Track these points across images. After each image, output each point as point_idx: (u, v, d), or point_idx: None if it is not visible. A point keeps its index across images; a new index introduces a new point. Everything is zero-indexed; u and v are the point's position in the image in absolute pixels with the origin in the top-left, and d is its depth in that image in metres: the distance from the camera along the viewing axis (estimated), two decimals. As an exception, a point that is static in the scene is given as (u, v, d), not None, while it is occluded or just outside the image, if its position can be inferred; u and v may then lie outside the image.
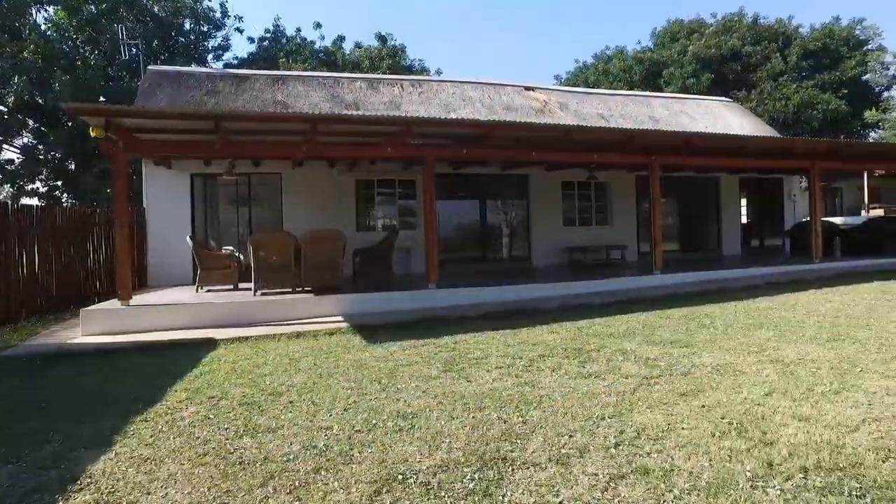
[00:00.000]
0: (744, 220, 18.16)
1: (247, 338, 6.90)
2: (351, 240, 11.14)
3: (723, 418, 3.74)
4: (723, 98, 22.59)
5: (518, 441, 3.46)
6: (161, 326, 7.63)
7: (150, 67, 15.24)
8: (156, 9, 26.64)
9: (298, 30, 35.54)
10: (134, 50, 22.87)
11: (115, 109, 7.54)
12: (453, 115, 14.26)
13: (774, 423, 3.64)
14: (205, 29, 30.29)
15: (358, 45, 36.46)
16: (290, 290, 9.17)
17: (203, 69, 17.80)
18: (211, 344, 6.67)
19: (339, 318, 8.06)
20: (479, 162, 12.42)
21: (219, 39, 31.24)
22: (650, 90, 28.78)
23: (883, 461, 3.08)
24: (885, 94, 34.51)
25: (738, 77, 34.77)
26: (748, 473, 2.96)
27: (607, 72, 39.08)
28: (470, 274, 12.16)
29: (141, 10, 25.83)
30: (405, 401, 4.29)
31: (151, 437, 3.77)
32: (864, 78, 34.20)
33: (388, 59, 33.99)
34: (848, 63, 34.29)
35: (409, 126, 8.95)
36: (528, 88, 17.18)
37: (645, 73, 37.24)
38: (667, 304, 8.54)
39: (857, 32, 35.98)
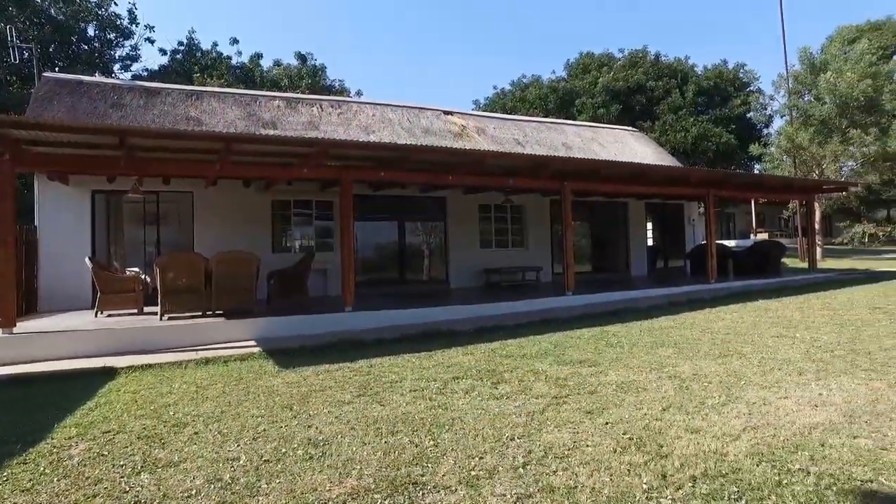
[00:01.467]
0: (650, 242, 19.27)
1: (151, 365, 6.53)
2: (266, 261, 10.85)
3: (624, 434, 3.94)
4: (630, 128, 24.05)
5: (429, 465, 3.49)
6: (52, 355, 7.07)
7: (45, 74, 14.30)
8: (52, 11, 24.97)
9: (215, 44, 34.61)
10: (26, 54, 21.28)
11: (3, 119, 6.98)
12: (373, 137, 14.33)
13: (670, 437, 3.87)
14: (110, 36, 28.78)
15: (277, 63, 35.94)
16: (200, 313, 8.78)
17: (108, 79, 16.83)
18: (110, 373, 6.25)
19: (252, 343, 7.80)
20: (397, 184, 12.50)
21: (127, 49, 29.85)
22: (564, 118, 30.18)
23: (757, 465, 3.38)
24: (765, 130, 38.10)
25: (643, 109, 37.18)
26: (645, 486, 3.14)
27: (524, 99, 40.62)
28: (388, 295, 12.15)
29: (35, 10, 24.11)
30: (317, 427, 4.22)
31: (30, 481, 3.44)
32: (748, 115, 37.60)
33: (307, 78, 33.69)
34: (735, 101, 37.72)
35: (327, 148, 8.89)
36: (447, 113, 17.54)
37: (559, 101, 39.02)
38: (578, 325, 8.88)
39: (741, 75, 39.69)
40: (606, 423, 4.16)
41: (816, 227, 22.91)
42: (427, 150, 9.81)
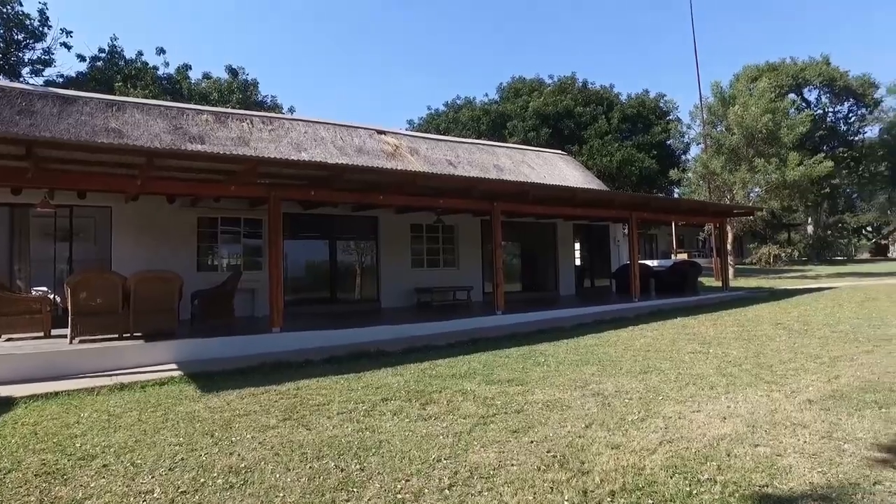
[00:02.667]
0: (578, 262, 19.92)
1: (57, 393, 6.10)
2: (191, 281, 10.45)
3: (548, 452, 4.05)
4: (559, 151, 24.91)
5: (355, 489, 3.46)
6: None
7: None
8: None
9: (140, 53, 33.29)
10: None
11: None
12: (304, 155, 14.16)
13: (592, 453, 4.01)
14: (19, 37, 27.04)
15: (206, 76, 34.92)
16: (117, 336, 8.31)
17: (15, 84, 15.79)
18: (6, 404, 5.78)
19: (173, 367, 7.46)
20: (329, 203, 12.38)
21: (38, 52, 28.13)
22: (496, 139, 30.88)
23: (671, 477, 3.56)
24: (684, 156, 40.56)
25: (572, 133, 38.63)
26: (566, 503, 3.24)
27: (457, 120, 41.32)
28: (318, 316, 11.96)
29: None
30: (239, 454, 4.08)
31: None
32: (668, 142, 39.90)
33: (238, 92, 32.92)
34: (656, 129, 39.95)
35: (256, 165, 8.71)
36: (380, 132, 17.59)
37: (491, 123, 39.94)
38: (507, 344, 9.04)
39: (661, 104, 42.13)
40: (531, 442, 4.26)
41: (729, 248, 24.41)
42: (358, 170, 9.79)
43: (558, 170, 20.63)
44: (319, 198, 10.37)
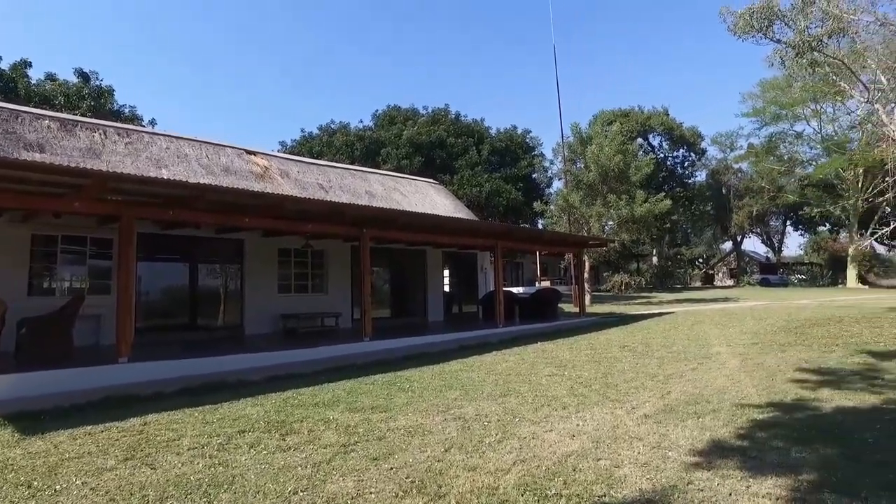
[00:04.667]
0: (447, 289, 20.40)
1: None
2: (21, 306, 9.32)
3: (407, 477, 4.09)
4: (431, 180, 25.50)
5: (201, 530, 3.26)
6: None
7: None
8: None
9: (-37, 46, 29.21)
10: None
11: None
12: (165, 172, 13.26)
13: (449, 476, 4.11)
14: None
15: (51, 77, 31.55)
16: (-84, 371, 7.13)
17: None
18: None
19: (-11, 406, 6.53)
20: (191, 223, 11.67)
21: None
22: (370, 166, 31.00)
23: (522, 494, 3.76)
24: (547, 190, 43.50)
25: (444, 163, 39.82)
26: (421, 527, 3.30)
27: (331, 144, 40.96)
28: (175, 344, 11.14)
29: None
30: None
31: None
32: (533, 175, 42.57)
33: (90, 99, 30.10)
34: (523, 163, 42.47)
35: (104, 180, 8.02)
36: (249, 152, 16.96)
37: (365, 149, 40.08)
38: (373, 371, 9.01)
39: (528, 140, 45.01)
40: (391, 469, 4.28)
41: (586, 276, 26.38)
42: (222, 191, 9.37)
43: (429, 198, 21.13)
44: (179, 218, 9.75)
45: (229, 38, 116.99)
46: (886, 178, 33.33)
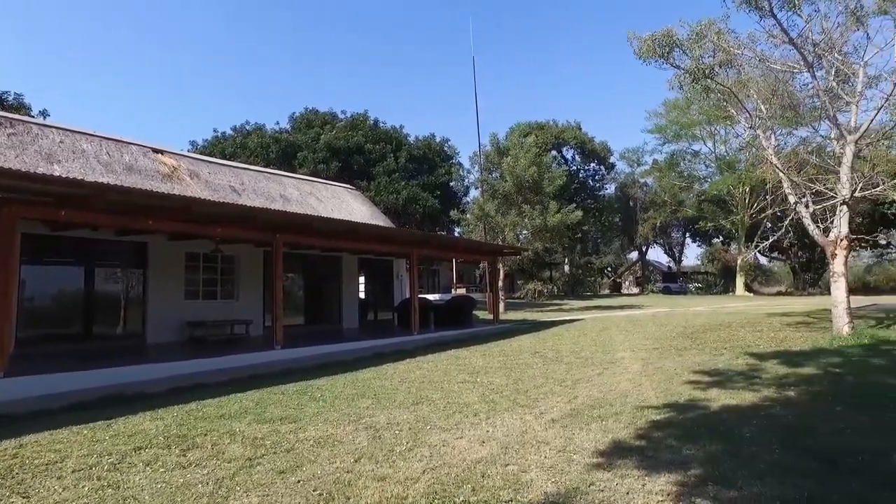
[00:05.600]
0: (362, 295, 20.19)
1: None
2: None
3: (315, 490, 4.00)
4: (348, 185, 25.25)
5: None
6: None
7: None
8: None
9: None
10: None
11: None
12: (58, 168, 12.31)
13: (358, 487, 4.06)
14: None
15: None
16: None
17: None
18: None
19: None
20: (87, 225, 10.87)
21: None
22: (286, 169, 30.20)
23: (432, 503, 3.78)
24: (464, 198, 44.15)
25: (361, 168, 39.51)
26: (328, 541, 3.23)
27: (245, 146, 39.60)
28: (66, 355, 10.30)
29: None
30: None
31: None
32: (451, 184, 43.10)
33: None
34: (440, 171, 42.92)
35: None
36: (156, 151, 16.07)
37: (281, 152, 39.05)
38: (284, 380, 8.75)
39: (445, 149, 45.59)
40: (298, 482, 4.17)
41: (501, 283, 26.97)
42: (123, 191, 8.80)
43: (346, 204, 20.89)
44: (73, 219, 9.05)
45: (142, 38, 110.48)
46: (767, 197, 36.54)
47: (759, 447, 4.76)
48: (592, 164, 56.68)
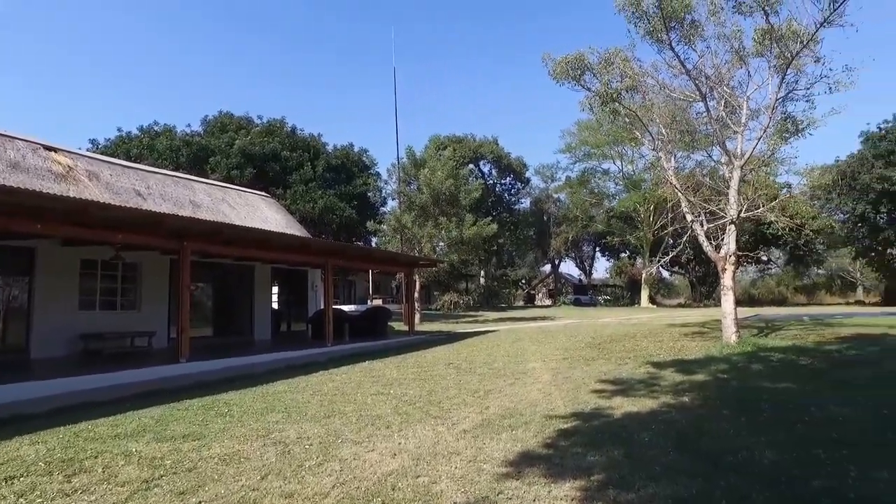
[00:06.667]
0: (275, 306, 19.59)
1: None
2: None
3: (217, 511, 3.84)
4: (263, 193, 24.48)
5: None
6: None
7: None
8: None
9: None
10: None
11: None
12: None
13: (264, 506, 3.94)
14: None
15: None
16: None
17: None
18: None
19: None
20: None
21: None
22: (197, 174, 28.83)
23: (341, 520, 3.72)
24: (381, 209, 44.04)
25: (277, 176, 38.44)
26: (229, 563, 3.11)
27: (153, 147, 37.46)
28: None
29: None
30: None
31: None
32: (368, 194, 42.85)
33: None
34: (358, 181, 42.60)
35: None
36: (49, 148, 14.89)
37: (192, 156, 37.30)
38: (189, 395, 8.33)
39: (364, 159, 45.36)
40: (199, 503, 3.98)
41: (417, 295, 27.04)
42: (5, 191, 8.06)
43: (260, 212, 20.26)
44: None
45: (26, 27, 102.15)
46: (668, 215, 39.06)
47: (656, 451, 5.05)
48: (508, 179, 58.22)
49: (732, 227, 13.62)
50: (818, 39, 12.05)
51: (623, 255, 63.08)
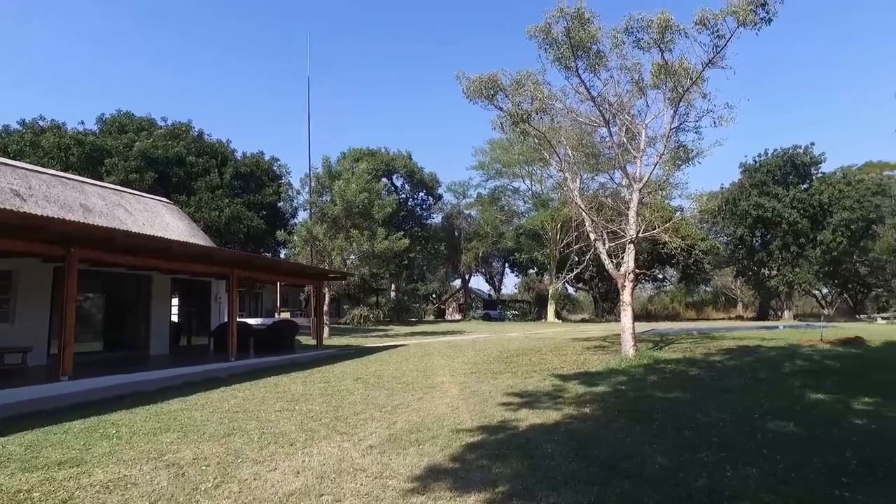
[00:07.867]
0: (175, 318, 18.47)
1: None
2: None
3: (97, 542, 3.53)
4: (164, 199, 23.14)
5: None
6: None
7: None
8: None
9: None
10: None
11: None
12: None
13: (152, 534, 3.67)
14: None
15: None
16: None
17: None
18: None
19: None
20: None
21: None
22: (90, 176, 26.78)
23: (238, 546, 3.54)
24: (292, 220, 42.93)
25: (181, 182, 36.53)
26: None
27: (38, 144, 34.41)
28: None
29: None
30: None
31: None
32: (279, 204, 41.63)
33: None
34: (268, 190, 41.34)
35: None
36: None
37: (85, 156, 34.67)
38: (71, 416, 7.65)
39: (275, 168, 44.16)
40: (76, 534, 3.66)
41: (326, 308, 26.47)
42: None
43: (161, 218, 19.13)
44: None
45: None
46: (573, 233, 40.83)
47: (559, 460, 5.22)
48: (421, 194, 58.57)
49: (631, 246, 14.46)
50: (705, 78, 13.32)
51: (531, 271, 65.00)
